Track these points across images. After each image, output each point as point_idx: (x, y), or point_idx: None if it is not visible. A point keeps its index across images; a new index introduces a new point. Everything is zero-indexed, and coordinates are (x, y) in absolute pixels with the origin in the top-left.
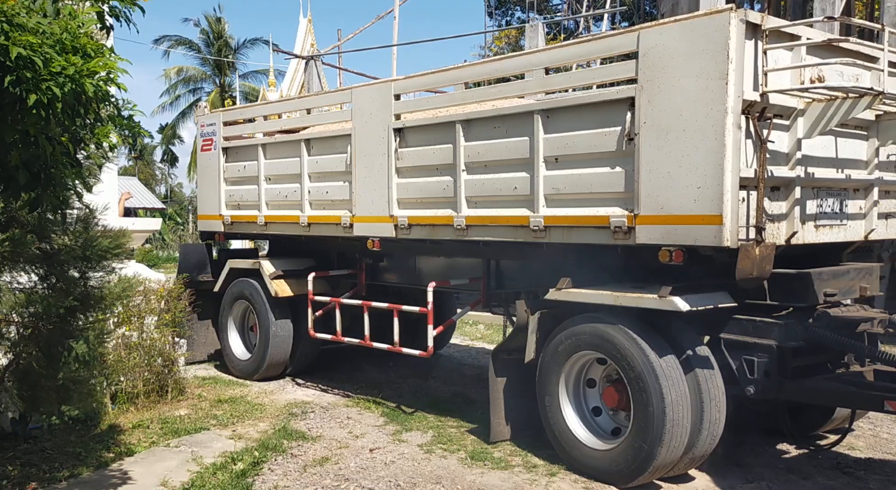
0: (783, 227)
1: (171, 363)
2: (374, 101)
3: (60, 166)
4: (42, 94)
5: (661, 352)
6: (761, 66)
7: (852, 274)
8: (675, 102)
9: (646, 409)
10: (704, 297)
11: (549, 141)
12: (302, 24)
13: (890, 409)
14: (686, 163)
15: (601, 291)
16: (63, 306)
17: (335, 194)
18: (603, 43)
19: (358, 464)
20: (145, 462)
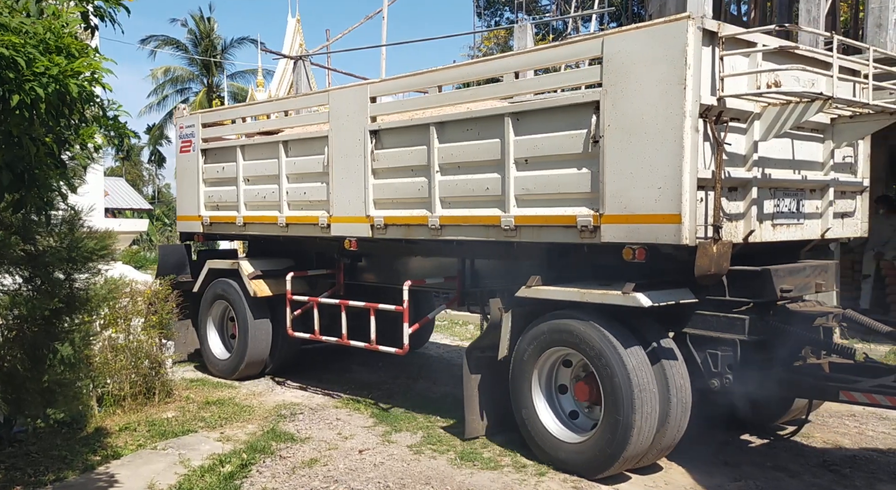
0: (741, 225)
1: (158, 365)
2: (351, 103)
3: (44, 167)
4: (25, 94)
5: (630, 346)
6: (718, 71)
7: (808, 271)
8: (637, 106)
9: (616, 402)
10: (666, 293)
11: (519, 143)
12: (290, 23)
13: (845, 399)
14: (647, 164)
15: (568, 288)
16: (48, 308)
17: (313, 195)
18: (570, 48)
19: (347, 465)
20: (132, 465)
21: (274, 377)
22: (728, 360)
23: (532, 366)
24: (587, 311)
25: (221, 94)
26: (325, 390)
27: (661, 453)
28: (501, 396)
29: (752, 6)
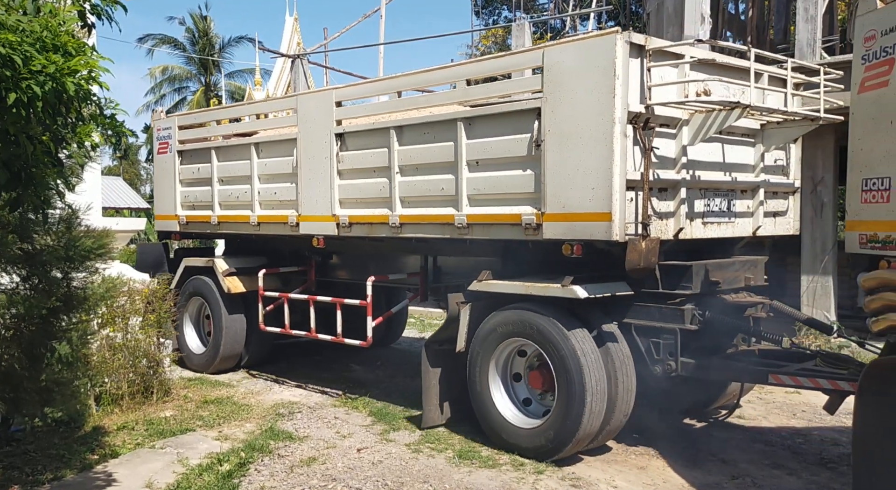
0: (671, 223)
1: (156, 364)
2: (318, 107)
3: (42, 166)
4: (22, 92)
5: (581, 336)
6: (646, 81)
7: (737, 265)
8: (573, 113)
9: (569, 387)
10: (603, 286)
11: (471, 146)
12: (288, 22)
13: (774, 382)
14: (582, 166)
15: (514, 282)
16: (45, 307)
17: (283, 195)
18: (516, 58)
19: (345, 464)
20: (130, 464)
21: (249, 370)
22: (669, 348)
23: (489, 357)
24: (541, 304)
25: (219, 93)
26: (324, 389)
27: (609, 435)
28: (459, 387)
29: (749, 5)
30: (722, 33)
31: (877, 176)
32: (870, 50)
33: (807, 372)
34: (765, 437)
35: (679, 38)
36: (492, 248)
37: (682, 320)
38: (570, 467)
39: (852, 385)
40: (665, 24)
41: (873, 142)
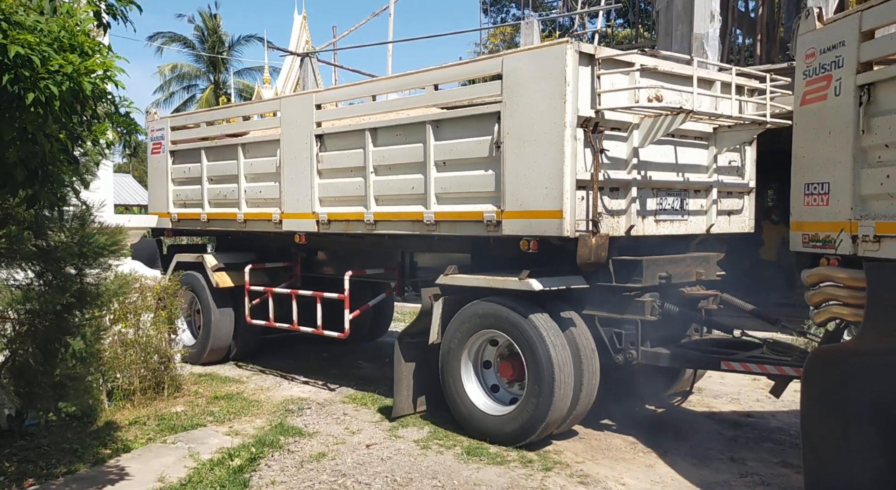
0: (623, 221)
1: (167, 360)
2: (300, 110)
3: (58, 163)
4: (40, 92)
5: (549, 327)
6: (596, 88)
7: (688, 261)
8: (529, 117)
9: (539, 376)
10: (558, 279)
11: (439, 147)
12: (297, 20)
13: (725, 368)
14: (537, 167)
15: (477, 276)
16: (59, 303)
17: (267, 193)
18: (479, 65)
19: (354, 459)
20: (142, 458)
21: (237, 362)
22: (631, 338)
23: (462, 348)
24: (512, 298)
25: (228, 91)
26: (332, 385)
27: (575, 419)
28: (431, 378)
29: (759, 3)
30: (731, 31)
31: (817, 181)
32: (810, 66)
33: (755, 359)
34: (773, 435)
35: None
36: (462, 243)
37: (643, 311)
38: (579, 465)
39: (796, 370)
40: (674, 22)
41: (814, 150)
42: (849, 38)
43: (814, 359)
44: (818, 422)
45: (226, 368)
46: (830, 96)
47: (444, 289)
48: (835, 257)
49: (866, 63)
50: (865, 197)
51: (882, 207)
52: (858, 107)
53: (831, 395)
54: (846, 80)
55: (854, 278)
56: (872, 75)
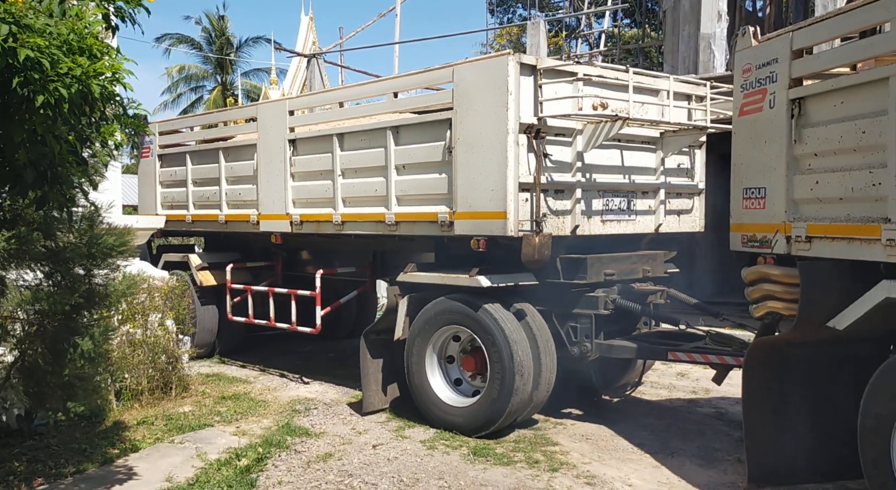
0: (568, 221)
1: (175, 360)
2: (274, 115)
3: (67, 164)
4: (49, 94)
5: (510, 322)
6: (538, 96)
7: (634, 259)
8: (477, 124)
9: (500, 368)
10: (507, 276)
11: (398, 152)
12: (303, 21)
13: (672, 358)
14: (484, 171)
15: (433, 274)
16: (68, 303)
17: (246, 195)
18: (433, 74)
19: (361, 460)
20: (150, 458)
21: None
22: (586, 332)
23: (426, 343)
24: (474, 295)
25: (235, 93)
26: (339, 386)
27: (535, 409)
28: (396, 373)
29: (767, 2)
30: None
31: (754, 186)
32: (747, 80)
33: (699, 349)
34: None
35: (695, 36)
36: (427, 243)
37: (597, 306)
38: (586, 465)
39: (736, 359)
40: (681, 22)
41: (751, 157)
42: (781, 55)
43: (753, 349)
44: (757, 406)
45: (233, 369)
46: (766, 108)
47: (407, 286)
48: (771, 256)
49: (797, 79)
50: (798, 201)
51: (812, 211)
52: (790, 119)
53: (769, 382)
54: (779, 93)
55: (788, 276)
56: (803, 90)
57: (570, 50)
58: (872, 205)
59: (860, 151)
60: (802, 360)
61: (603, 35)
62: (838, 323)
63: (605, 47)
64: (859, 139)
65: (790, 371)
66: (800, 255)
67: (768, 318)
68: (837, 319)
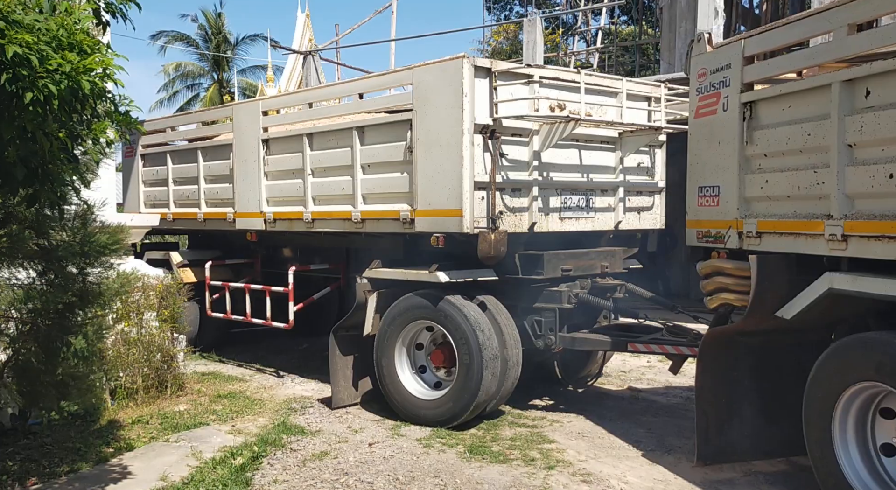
0: (525, 218)
1: (170, 359)
2: (249, 116)
3: (58, 162)
4: (38, 91)
5: (478, 316)
6: (493, 98)
7: (592, 255)
8: (434, 124)
9: (469, 361)
10: (465, 272)
11: (364, 152)
12: (300, 19)
13: (631, 350)
14: (442, 170)
15: (396, 270)
16: (61, 302)
17: (223, 194)
18: (395, 76)
19: (357, 458)
20: (145, 457)
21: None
22: (550, 325)
23: (395, 339)
24: (443, 290)
25: (232, 90)
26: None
27: (501, 400)
28: (365, 369)
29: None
30: (736, 27)
31: (709, 184)
32: (702, 84)
33: (657, 341)
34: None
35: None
36: (397, 240)
37: (561, 300)
38: (582, 463)
39: (692, 350)
40: (678, 19)
41: (706, 157)
42: (734, 61)
43: (708, 337)
44: (710, 391)
45: (229, 367)
46: (719, 111)
47: (377, 283)
48: (724, 251)
49: (749, 83)
50: (749, 199)
51: (762, 208)
52: (742, 121)
53: (721, 369)
54: (732, 97)
55: (740, 269)
56: (754, 95)
57: (567, 47)
58: (816, 202)
59: (805, 152)
60: (753, 348)
61: (600, 32)
62: (786, 313)
63: (602, 44)
64: (805, 141)
65: (741, 358)
66: (751, 250)
67: (722, 309)
68: (785, 309)
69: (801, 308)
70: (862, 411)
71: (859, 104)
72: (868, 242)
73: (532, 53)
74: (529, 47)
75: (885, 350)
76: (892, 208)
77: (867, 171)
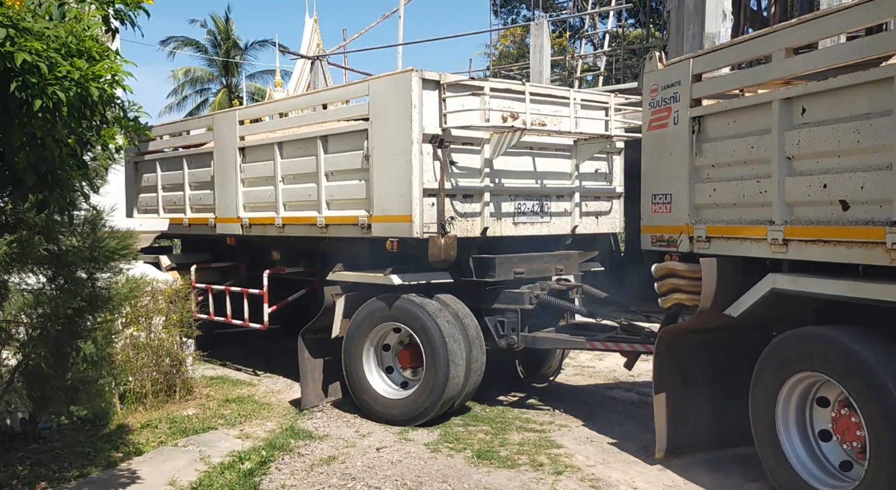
0: (477, 223)
1: (179, 363)
2: (227, 125)
3: (67, 168)
4: (47, 98)
5: (444, 318)
6: (442, 109)
7: (546, 258)
8: (387, 134)
9: (435, 361)
10: (419, 275)
11: (327, 160)
12: (308, 24)
13: (589, 347)
14: (394, 177)
15: (355, 273)
16: (71, 307)
17: (205, 200)
18: (353, 88)
19: (364, 463)
20: (153, 461)
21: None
22: (512, 325)
23: (364, 340)
24: (411, 292)
25: (240, 95)
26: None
27: (467, 397)
28: (334, 370)
29: (772, 2)
30: (744, 30)
31: (662, 192)
32: (654, 98)
33: (612, 339)
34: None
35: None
36: (364, 244)
37: (523, 301)
38: (591, 468)
39: (645, 347)
40: (686, 21)
41: (659, 167)
42: (683, 78)
43: (662, 336)
44: (665, 386)
45: (237, 371)
46: (670, 124)
47: (345, 286)
48: (676, 254)
49: (697, 99)
50: (698, 206)
51: (711, 214)
52: (692, 134)
53: (675, 365)
54: (682, 112)
55: (691, 271)
56: (702, 110)
57: (575, 50)
58: (760, 209)
59: (749, 164)
60: (703, 345)
61: (607, 35)
62: (733, 311)
63: (610, 47)
64: (749, 153)
65: (693, 354)
66: (701, 253)
67: (675, 308)
68: (733, 308)
69: (747, 306)
70: (801, 401)
71: (797, 120)
72: (806, 246)
73: (539, 57)
74: (536, 51)
75: (820, 343)
76: (826, 215)
77: (804, 181)
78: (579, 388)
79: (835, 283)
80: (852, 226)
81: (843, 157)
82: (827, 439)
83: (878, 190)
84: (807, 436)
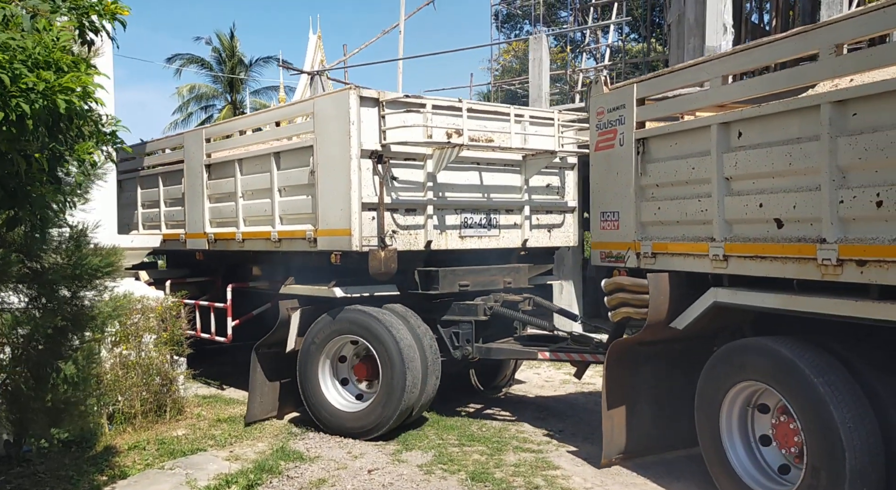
0: (420, 236)
1: (169, 382)
2: (195, 143)
3: (37, 184)
4: (11, 110)
5: (400, 330)
6: (381, 125)
7: (494, 271)
8: (330, 150)
9: (392, 373)
10: (363, 288)
11: (280, 175)
12: (311, 40)
13: (541, 357)
14: (336, 192)
15: (304, 286)
16: (52, 326)
17: (177, 216)
18: (300, 106)
19: (355, 486)
20: (138, 485)
21: None
22: (466, 336)
23: (320, 353)
24: (368, 305)
25: (245, 111)
26: None
27: (422, 408)
28: (288, 384)
29: (773, 15)
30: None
31: (610, 210)
32: (601, 121)
33: (563, 349)
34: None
35: (700, 49)
36: (322, 257)
37: (476, 313)
38: None
39: (594, 357)
40: (686, 35)
41: (606, 186)
42: (627, 102)
43: (612, 348)
44: (614, 395)
45: (231, 390)
46: (617, 146)
47: (301, 299)
48: (624, 269)
49: (641, 122)
50: (644, 223)
51: (656, 231)
52: (637, 155)
53: (623, 375)
54: (627, 134)
55: (638, 286)
56: (646, 132)
57: (577, 65)
58: (701, 227)
59: (691, 184)
60: (651, 356)
61: (608, 49)
62: (678, 324)
63: (611, 62)
64: (690, 174)
65: (640, 365)
66: (647, 268)
67: (623, 321)
68: (678, 321)
69: (691, 319)
70: (743, 408)
71: (734, 143)
72: (744, 261)
73: (538, 71)
74: (535, 65)
75: (758, 353)
76: (763, 232)
77: (742, 201)
78: (578, 406)
79: (772, 296)
80: (786, 243)
81: (776, 178)
82: (767, 444)
83: (809, 209)
84: (748, 441)
